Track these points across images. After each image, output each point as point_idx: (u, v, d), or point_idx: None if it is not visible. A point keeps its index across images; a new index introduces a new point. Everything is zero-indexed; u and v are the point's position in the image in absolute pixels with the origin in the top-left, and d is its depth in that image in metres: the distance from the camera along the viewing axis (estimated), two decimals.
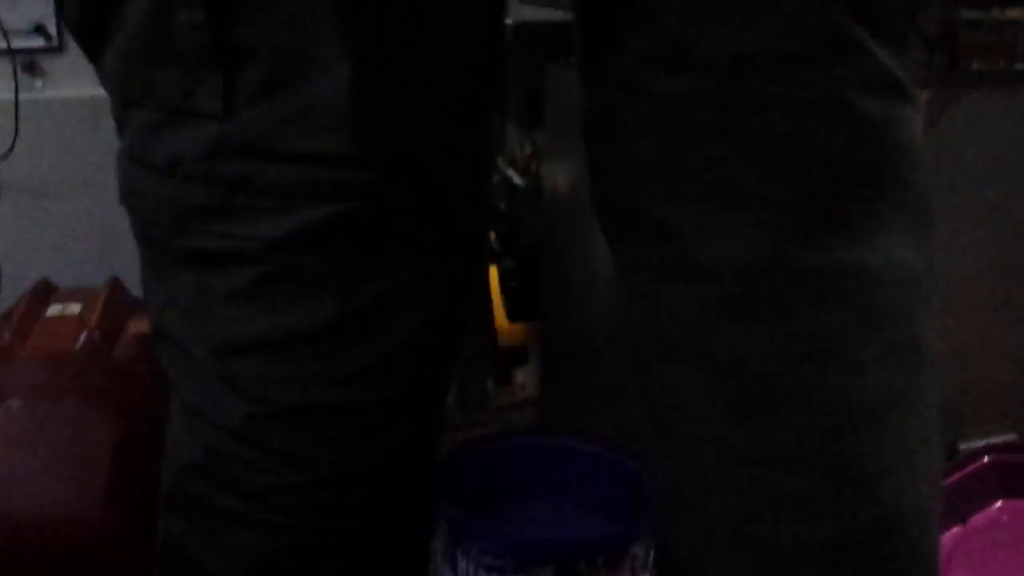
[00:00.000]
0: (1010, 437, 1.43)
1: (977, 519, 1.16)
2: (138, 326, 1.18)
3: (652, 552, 1.20)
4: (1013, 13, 1.15)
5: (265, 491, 0.65)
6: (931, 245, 0.64)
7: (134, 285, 1.52)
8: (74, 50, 1.52)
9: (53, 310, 1.20)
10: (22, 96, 1.47)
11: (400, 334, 0.63)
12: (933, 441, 0.66)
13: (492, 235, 1.72)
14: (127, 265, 1.54)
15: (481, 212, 0.69)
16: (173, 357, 0.66)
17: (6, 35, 1.46)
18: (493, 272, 1.72)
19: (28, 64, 1.57)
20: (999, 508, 1.17)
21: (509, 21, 1.50)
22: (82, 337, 1.13)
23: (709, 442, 0.64)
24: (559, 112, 1.49)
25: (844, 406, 0.61)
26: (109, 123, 0.65)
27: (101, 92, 0.63)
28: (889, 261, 0.61)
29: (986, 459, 1.17)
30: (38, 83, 1.56)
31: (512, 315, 1.74)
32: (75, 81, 1.54)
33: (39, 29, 1.54)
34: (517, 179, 1.75)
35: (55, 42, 1.55)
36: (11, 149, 1.47)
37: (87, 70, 0.66)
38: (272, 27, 0.55)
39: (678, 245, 0.61)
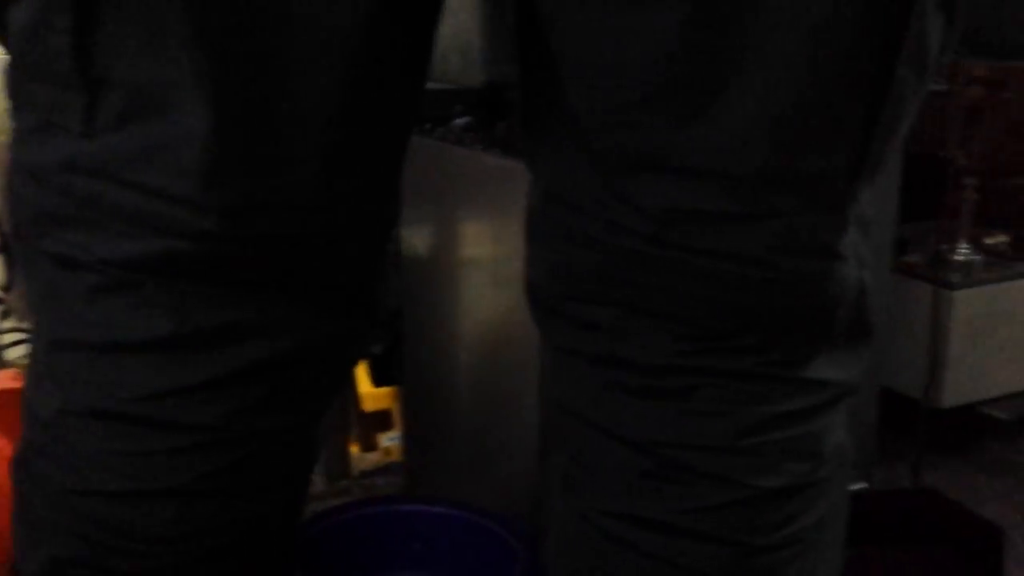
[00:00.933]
0: (861, 486, 1.47)
1: None
2: None
3: None
4: None
5: (64, 493, 0.64)
6: (860, 361, 0.68)
7: None
8: None
9: None
10: None
11: (222, 368, 0.63)
12: (836, 534, 0.70)
13: None
14: None
15: (356, 271, 0.69)
16: (30, 345, 0.69)
17: None
18: None
19: None
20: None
21: None
22: None
23: (614, 507, 0.68)
24: (415, 178, 1.49)
25: (743, 484, 0.65)
26: None
27: None
28: (796, 373, 0.65)
29: None
30: None
31: (376, 379, 1.73)
32: None
33: None
34: None
35: None
36: None
37: None
38: (131, 62, 0.57)
39: (597, 337, 0.66)
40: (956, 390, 1.77)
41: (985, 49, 1.42)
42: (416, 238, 1.53)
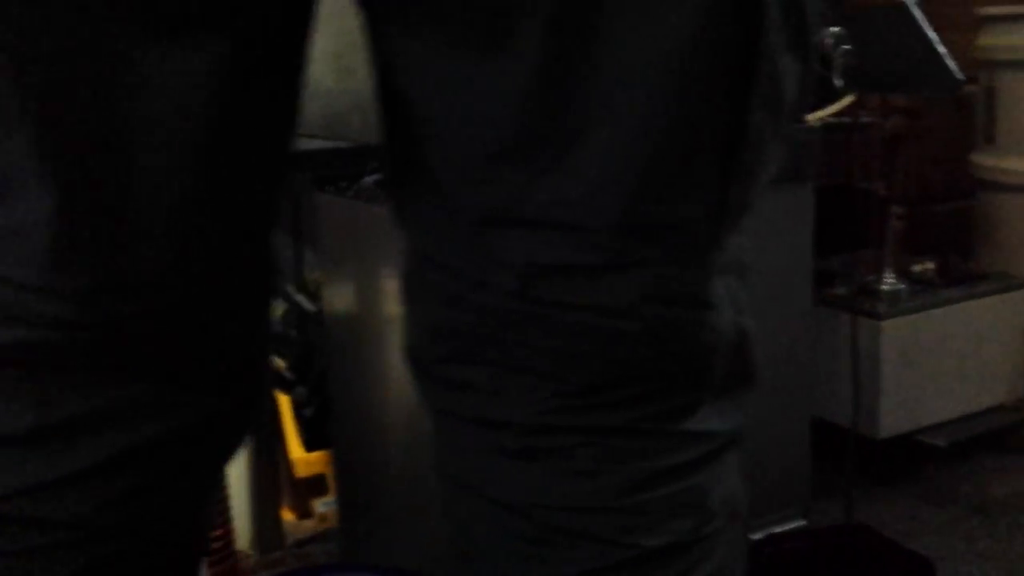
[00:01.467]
0: (800, 523, 1.46)
1: None
2: None
3: None
4: None
5: None
6: (737, 410, 0.67)
7: None
8: None
9: None
10: None
11: (91, 457, 0.60)
12: None
13: (282, 363, 1.68)
14: None
15: (230, 345, 0.66)
16: None
17: None
18: (284, 401, 1.67)
19: None
20: None
21: None
22: None
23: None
24: (332, 238, 1.47)
25: (628, 545, 0.63)
26: None
27: None
28: (677, 426, 0.63)
29: (765, 552, 1.18)
30: None
31: (309, 444, 1.69)
32: None
33: None
34: (308, 305, 1.72)
35: None
36: None
37: None
38: None
39: (473, 397, 0.64)
40: (891, 420, 1.77)
41: (875, 83, 1.44)
42: (337, 298, 1.51)
